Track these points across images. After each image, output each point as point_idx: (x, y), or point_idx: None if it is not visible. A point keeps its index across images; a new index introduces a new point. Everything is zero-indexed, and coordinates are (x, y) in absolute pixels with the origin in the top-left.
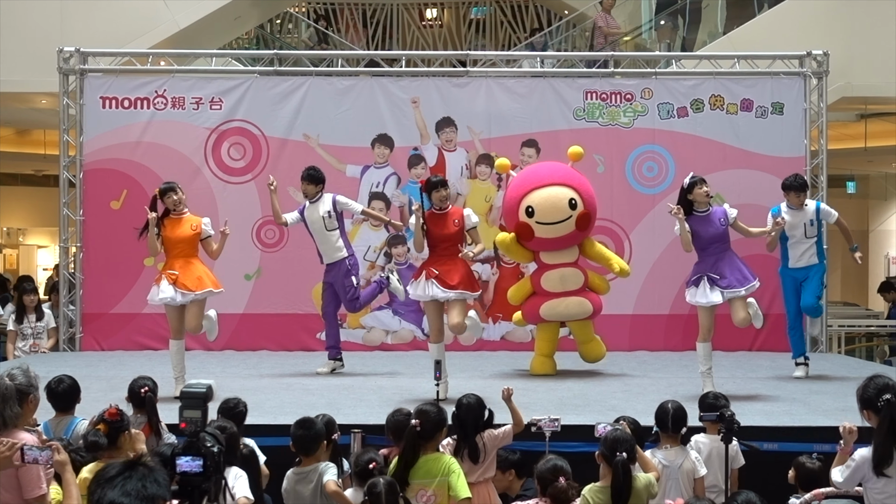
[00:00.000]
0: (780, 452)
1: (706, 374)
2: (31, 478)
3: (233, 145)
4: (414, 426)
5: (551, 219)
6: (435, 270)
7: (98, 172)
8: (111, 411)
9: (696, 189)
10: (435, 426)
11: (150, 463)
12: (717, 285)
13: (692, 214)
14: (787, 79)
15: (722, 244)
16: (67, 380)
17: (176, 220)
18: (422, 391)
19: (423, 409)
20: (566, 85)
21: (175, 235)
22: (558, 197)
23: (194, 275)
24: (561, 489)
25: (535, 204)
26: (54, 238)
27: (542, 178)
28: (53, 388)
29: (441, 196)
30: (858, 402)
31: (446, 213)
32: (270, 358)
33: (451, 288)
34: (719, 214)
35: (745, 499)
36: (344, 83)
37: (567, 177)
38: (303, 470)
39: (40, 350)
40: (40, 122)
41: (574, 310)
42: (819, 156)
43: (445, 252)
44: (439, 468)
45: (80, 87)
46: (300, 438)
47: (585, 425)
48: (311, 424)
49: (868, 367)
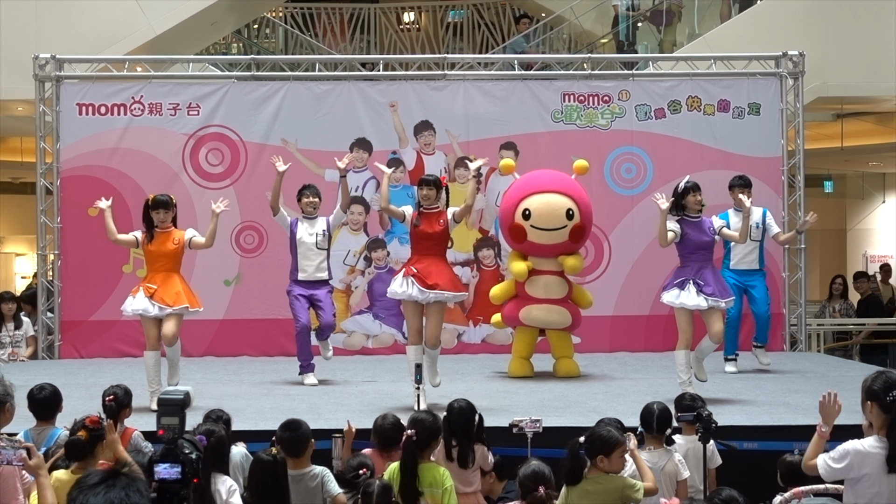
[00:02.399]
0: (759, 451)
1: (686, 384)
2: (8, 488)
3: (210, 151)
4: (410, 436)
5: (546, 225)
6: (414, 269)
7: (75, 179)
8: (92, 418)
9: (689, 196)
10: (430, 434)
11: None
12: (703, 292)
13: (683, 218)
14: (764, 79)
15: (708, 252)
16: (49, 387)
17: (162, 233)
18: (402, 395)
19: (418, 417)
20: (544, 87)
21: (157, 250)
22: (557, 205)
23: (173, 290)
24: (539, 498)
25: (533, 208)
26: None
27: (545, 183)
28: (35, 395)
29: (422, 194)
30: (863, 393)
31: (435, 213)
32: (251, 363)
33: (429, 288)
34: (708, 224)
35: (726, 495)
36: (322, 87)
37: (569, 187)
38: (298, 472)
39: (19, 358)
40: (17, 130)
41: (553, 318)
42: (796, 156)
43: (429, 252)
44: (435, 479)
45: (56, 94)
46: (287, 441)
47: (567, 427)
48: (298, 426)
49: (847, 365)
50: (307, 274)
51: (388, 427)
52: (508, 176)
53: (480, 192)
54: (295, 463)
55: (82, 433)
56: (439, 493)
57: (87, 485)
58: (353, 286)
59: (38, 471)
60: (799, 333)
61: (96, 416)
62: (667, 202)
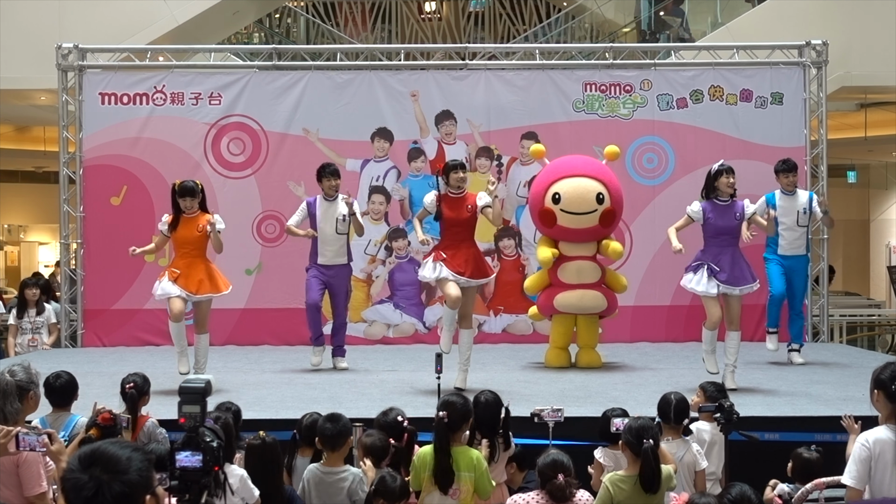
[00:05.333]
0: (780, 442)
1: (709, 353)
2: (32, 475)
3: (232, 140)
4: (441, 418)
5: (577, 209)
6: (444, 254)
7: (98, 168)
8: (104, 416)
9: (721, 178)
10: (462, 417)
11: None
12: (716, 277)
13: (712, 201)
14: (787, 69)
15: (731, 237)
16: (66, 375)
17: (188, 219)
18: (423, 384)
19: (450, 400)
20: (565, 77)
21: (183, 236)
22: (587, 189)
23: (196, 277)
24: (559, 486)
25: (563, 192)
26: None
27: (575, 168)
28: (51, 383)
29: (459, 177)
30: (872, 382)
31: (461, 198)
32: (272, 352)
33: (459, 274)
34: (738, 208)
35: (738, 491)
36: (343, 77)
37: (600, 172)
38: (331, 469)
39: (40, 345)
40: (40, 119)
41: (589, 303)
42: (819, 145)
43: (458, 237)
44: (470, 462)
45: (79, 84)
46: (327, 433)
47: (587, 417)
48: (339, 419)
49: (870, 356)
50: (327, 259)
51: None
52: (533, 164)
53: (501, 181)
54: (330, 458)
55: (94, 431)
56: (474, 477)
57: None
58: (373, 276)
59: (59, 456)
60: (821, 324)
61: (108, 413)
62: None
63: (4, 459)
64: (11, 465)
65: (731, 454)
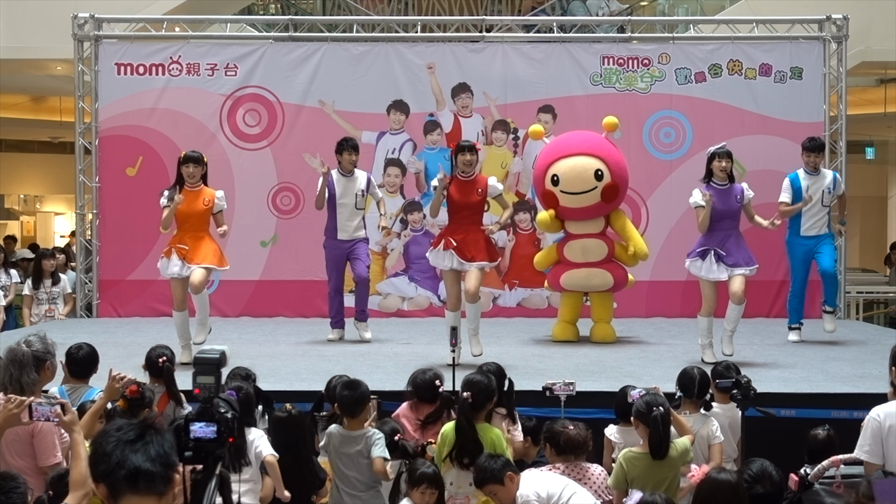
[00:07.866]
0: (797, 419)
1: (706, 346)
2: (47, 445)
3: (248, 111)
4: (466, 398)
5: (575, 188)
6: (454, 241)
7: (114, 139)
8: (132, 388)
9: (714, 161)
10: (486, 396)
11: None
12: (724, 262)
13: (711, 185)
14: (806, 43)
15: (733, 221)
16: (87, 347)
17: (191, 192)
18: (438, 357)
19: (473, 379)
20: (583, 50)
21: (187, 209)
22: (584, 167)
23: (201, 252)
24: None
25: (561, 173)
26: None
27: (571, 146)
28: (73, 353)
29: (465, 160)
30: (891, 358)
31: (471, 181)
32: (286, 324)
33: (469, 260)
34: (737, 192)
35: (759, 466)
36: (359, 49)
37: (597, 147)
38: (350, 433)
39: (56, 315)
40: (56, 89)
41: (594, 281)
42: (838, 121)
43: (466, 220)
44: (493, 441)
45: (94, 54)
46: (345, 400)
47: (602, 391)
48: (357, 386)
49: (887, 333)
50: (348, 233)
51: (427, 380)
52: (540, 141)
53: (518, 155)
54: (350, 424)
55: (121, 403)
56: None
57: (124, 440)
58: (389, 249)
59: (72, 426)
60: (838, 301)
61: (135, 386)
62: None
63: (20, 429)
64: (26, 435)
65: (747, 431)
